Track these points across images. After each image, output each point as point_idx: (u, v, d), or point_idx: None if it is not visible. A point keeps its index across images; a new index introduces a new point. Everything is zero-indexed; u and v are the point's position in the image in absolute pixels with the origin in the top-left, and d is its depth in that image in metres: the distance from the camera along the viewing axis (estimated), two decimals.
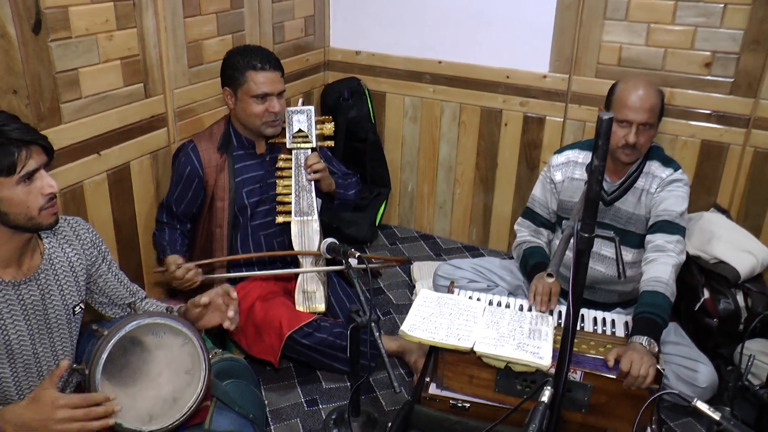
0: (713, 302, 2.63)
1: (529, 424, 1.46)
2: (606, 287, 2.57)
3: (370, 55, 3.63)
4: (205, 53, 2.82)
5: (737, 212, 3.06)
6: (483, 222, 3.69)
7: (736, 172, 3.02)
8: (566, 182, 2.58)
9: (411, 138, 3.70)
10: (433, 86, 3.54)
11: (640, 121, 2.30)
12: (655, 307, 2.15)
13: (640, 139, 2.32)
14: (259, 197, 2.66)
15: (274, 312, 2.52)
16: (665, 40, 2.98)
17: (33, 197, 1.65)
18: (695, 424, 2.44)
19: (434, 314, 2.29)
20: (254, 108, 2.52)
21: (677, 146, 3.07)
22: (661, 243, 2.30)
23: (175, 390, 1.82)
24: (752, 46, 2.84)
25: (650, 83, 2.35)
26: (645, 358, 1.99)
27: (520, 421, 1.89)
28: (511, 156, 3.48)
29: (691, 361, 2.37)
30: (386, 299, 3.18)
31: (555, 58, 3.23)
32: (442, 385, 2.27)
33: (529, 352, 2.11)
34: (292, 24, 3.36)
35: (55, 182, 1.69)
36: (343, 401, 2.48)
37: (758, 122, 2.92)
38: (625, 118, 2.31)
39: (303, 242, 2.64)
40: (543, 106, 3.33)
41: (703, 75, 2.97)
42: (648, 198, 2.43)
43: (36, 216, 1.66)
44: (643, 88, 2.32)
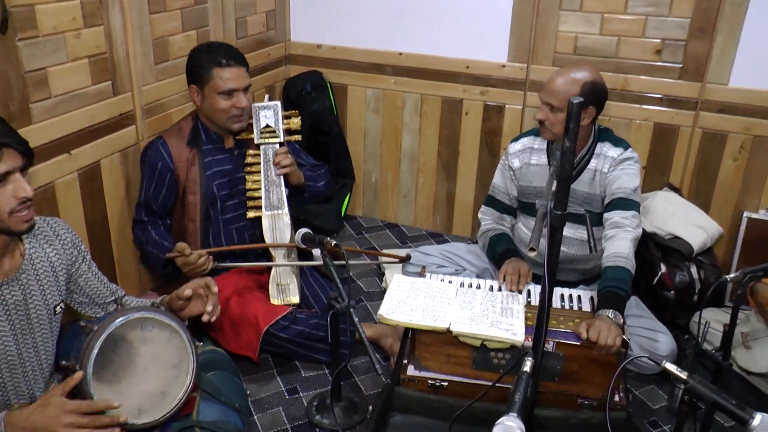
0: (670, 276, 2.77)
1: (515, 392, 1.53)
2: (569, 266, 2.68)
3: (331, 48, 3.67)
4: (171, 49, 2.82)
5: (688, 190, 3.21)
6: (446, 209, 3.78)
7: (686, 152, 3.17)
8: (524, 168, 2.68)
9: (374, 129, 3.76)
10: (395, 78, 3.60)
11: (546, 101, 2.45)
12: (618, 281, 2.27)
13: (550, 118, 2.45)
14: (228, 191, 2.69)
15: (249, 307, 2.55)
16: (618, 29, 3.11)
17: (4, 200, 1.63)
18: (657, 390, 2.58)
19: (409, 297, 2.36)
20: (221, 104, 2.55)
21: (632, 129, 3.21)
22: (618, 219, 2.43)
23: (162, 384, 1.85)
24: (698, 33, 2.99)
25: (570, 71, 2.46)
26: (612, 328, 2.11)
27: (497, 397, 1.99)
28: (472, 144, 3.57)
29: (652, 332, 2.51)
30: (357, 288, 3.24)
31: (513, 48, 3.32)
32: (420, 366, 2.34)
33: (503, 329, 2.20)
34: (255, 19, 3.38)
35: (30, 188, 1.68)
36: (323, 388, 2.53)
37: (705, 105, 3.07)
38: (540, 96, 2.50)
39: (275, 236, 2.68)
40: (502, 95, 3.42)
41: (654, 61, 3.10)
42: (602, 178, 2.54)
43: (5, 219, 1.65)
44: (560, 74, 2.46)
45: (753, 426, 1.54)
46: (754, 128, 3.01)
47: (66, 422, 1.60)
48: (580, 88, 2.42)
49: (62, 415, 1.60)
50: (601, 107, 2.51)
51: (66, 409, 1.61)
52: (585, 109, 2.44)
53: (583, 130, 2.52)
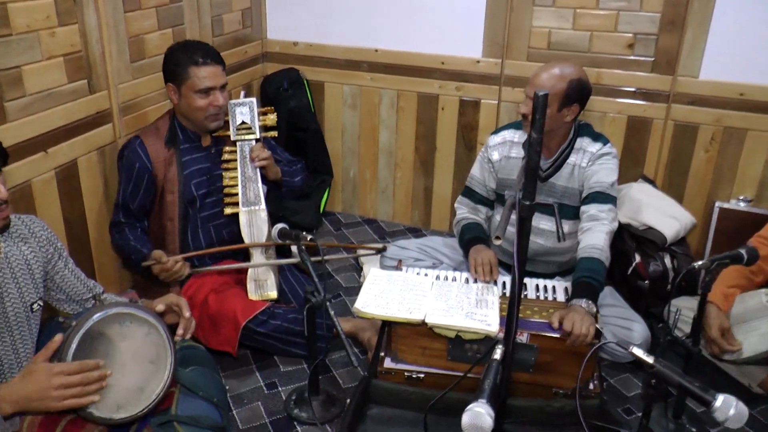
0: (644, 265, 2.81)
1: (485, 380, 1.57)
2: (545, 258, 2.71)
3: (308, 45, 3.68)
4: (147, 48, 2.83)
5: (662, 181, 3.26)
6: (424, 204, 3.81)
7: (659, 144, 3.21)
8: (503, 161, 2.70)
9: (351, 125, 3.78)
10: (371, 74, 3.62)
11: (529, 95, 2.47)
12: (592, 271, 2.31)
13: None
14: (206, 189, 2.69)
15: (228, 303, 2.57)
16: (591, 23, 3.15)
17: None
18: (632, 378, 2.62)
19: (385, 291, 2.39)
20: (198, 102, 2.56)
21: (606, 122, 3.25)
22: (595, 212, 2.46)
23: (140, 380, 1.85)
24: (668, 27, 3.03)
25: (556, 68, 2.48)
26: (585, 318, 2.14)
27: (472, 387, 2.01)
28: (449, 139, 3.60)
29: (626, 321, 2.55)
30: (335, 283, 3.26)
31: (487, 43, 3.35)
32: (397, 359, 2.37)
33: (478, 320, 2.22)
34: (230, 17, 3.39)
35: (4, 188, 1.68)
36: (301, 382, 2.55)
37: (677, 97, 3.11)
38: (525, 90, 2.52)
39: (252, 232, 2.69)
40: (478, 90, 3.45)
41: (627, 55, 3.14)
42: (580, 172, 2.58)
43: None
44: (546, 69, 2.49)
45: (716, 407, 1.58)
46: (724, 120, 3.06)
47: (57, 384, 1.60)
48: (566, 84, 2.44)
49: (51, 378, 1.60)
50: (584, 105, 2.54)
51: (53, 372, 1.62)
52: (569, 106, 2.47)
53: (565, 126, 2.55)
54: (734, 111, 3.03)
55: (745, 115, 3.02)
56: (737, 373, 2.53)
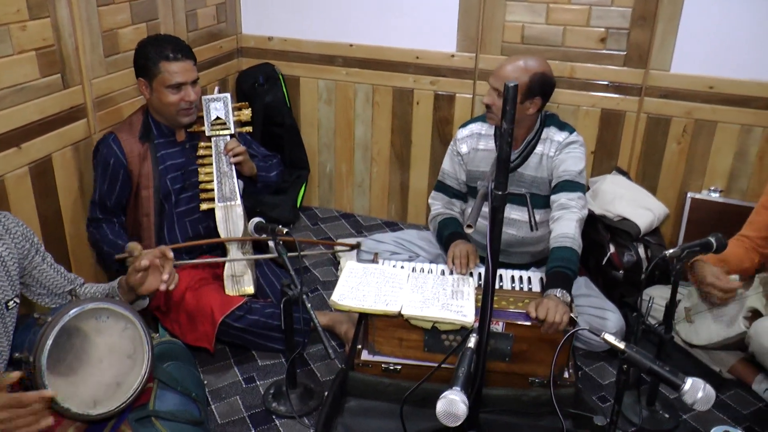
0: (618, 256, 2.85)
1: (459, 367, 1.58)
2: (519, 249, 2.74)
3: (282, 40, 3.68)
4: (121, 42, 2.81)
5: (635, 173, 3.30)
6: (401, 198, 3.82)
7: (632, 137, 3.25)
8: (472, 153, 2.73)
9: (326, 120, 3.78)
10: (346, 69, 3.62)
11: (495, 87, 2.51)
12: (565, 260, 2.34)
13: (497, 104, 2.50)
14: (181, 184, 2.68)
15: (205, 299, 2.56)
16: (563, 18, 3.17)
17: None
18: (607, 366, 2.66)
19: (362, 283, 2.40)
20: (169, 98, 2.55)
21: (580, 116, 3.28)
22: (564, 201, 2.50)
23: (117, 375, 1.85)
24: (640, 21, 3.07)
25: (521, 61, 2.51)
26: (559, 306, 2.17)
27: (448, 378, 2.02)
28: (424, 133, 3.62)
29: (601, 310, 2.59)
30: (312, 277, 3.27)
31: (461, 38, 3.37)
32: (374, 351, 2.38)
33: (454, 311, 2.24)
34: (205, 11, 3.37)
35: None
36: (279, 376, 2.55)
37: (649, 91, 3.15)
38: (489, 81, 2.56)
39: (228, 227, 2.69)
40: (452, 84, 3.47)
41: (599, 49, 3.18)
42: (548, 161, 2.61)
43: None
44: (510, 62, 2.53)
45: (684, 390, 1.62)
46: (695, 112, 3.11)
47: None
48: (529, 77, 2.47)
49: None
50: (548, 98, 2.57)
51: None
52: (531, 99, 2.51)
53: (530, 118, 2.58)
54: (704, 104, 3.08)
55: (715, 108, 3.07)
56: (708, 360, 2.58)
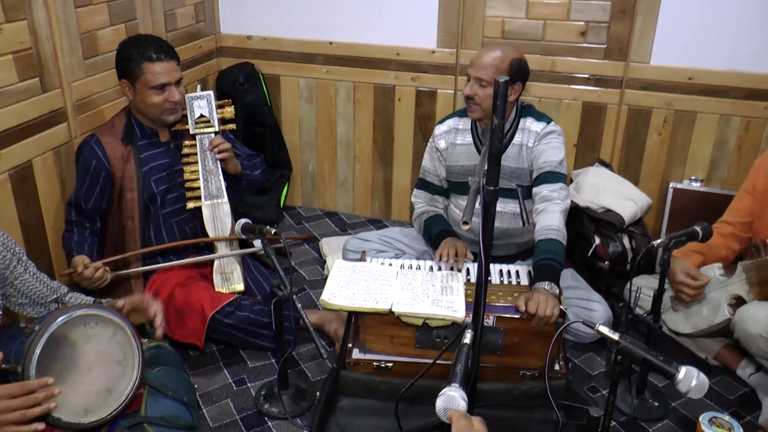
0: (604, 247, 2.88)
1: (456, 364, 1.58)
2: (504, 241, 2.75)
3: (262, 39, 3.66)
4: (100, 44, 2.77)
5: (618, 165, 3.33)
6: (384, 195, 3.82)
7: (614, 129, 3.28)
8: (450, 148, 2.74)
9: (308, 119, 3.77)
10: (326, 67, 3.61)
11: (475, 75, 2.52)
12: (551, 253, 2.35)
13: (479, 94, 2.51)
14: (167, 185, 2.66)
15: (194, 296, 2.55)
16: (543, 12, 3.19)
17: None
18: (596, 357, 2.68)
19: (351, 282, 2.39)
20: (154, 99, 2.52)
21: (561, 109, 3.30)
22: (547, 193, 2.51)
23: (108, 382, 1.83)
24: (619, 15, 3.09)
25: (498, 49, 2.54)
26: (549, 299, 2.19)
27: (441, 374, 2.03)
28: (406, 129, 3.61)
29: (588, 302, 2.61)
30: (299, 276, 3.25)
31: (442, 33, 3.37)
32: (365, 349, 2.38)
33: (444, 307, 2.25)
34: (183, 11, 3.34)
35: None
36: (270, 377, 2.54)
37: (630, 83, 3.18)
38: (467, 72, 2.56)
39: (216, 225, 2.67)
40: (434, 80, 3.47)
41: (580, 43, 3.20)
42: (528, 152, 2.62)
43: None
44: (487, 50, 2.54)
45: (679, 378, 1.64)
46: (675, 103, 3.14)
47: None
48: (508, 64, 2.51)
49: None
50: (525, 83, 2.61)
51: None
52: (512, 85, 2.54)
53: (508, 106, 2.59)
54: (684, 95, 3.12)
55: (694, 99, 3.11)
56: (694, 347, 2.61)
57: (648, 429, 2.33)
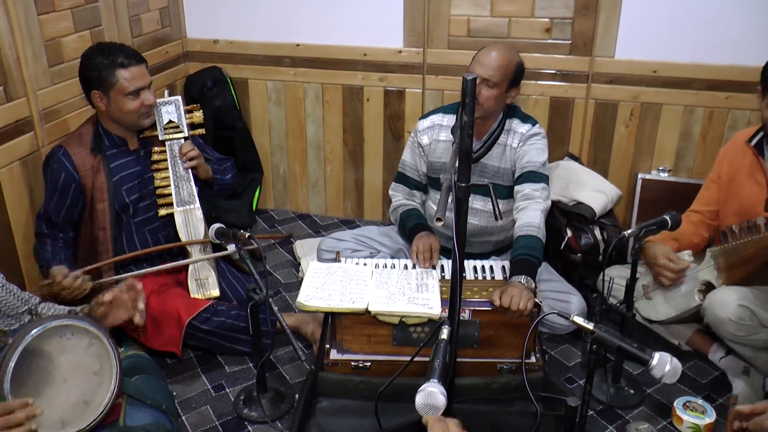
0: (576, 239, 2.91)
1: (434, 360, 1.60)
2: (481, 239, 2.77)
3: (228, 42, 3.64)
4: (65, 51, 2.74)
5: (587, 158, 3.37)
6: (356, 195, 3.83)
7: (582, 122, 3.32)
8: (433, 144, 2.75)
9: (277, 121, 3.76)
10: (294, 69, 3.60)
11: (481, 75, 2.49)
12: (530, 248, 2.38)
13: (483, 93, 2.50)
14: (139, 193, 2.63)
15: (170, 303, 2.53)
16: (508, 10, 3.22)
17: None
18: (572, 348, 2.72)
19: (326, 283, 2.39)
20: (130, 105, 2.49)
21: (530, 104, 3.33)
22: (529, 192, 2.54)
23: (85, 393, 1.82)
24: (583, 11, 3.13)
25: (505, 50, 2.54)
26: (523, 293, 2.21)
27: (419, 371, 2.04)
28: (376, 129, 3.62)
29: (563, 294, 2.65)
30: (274, 280, 3.25)
31: (408, 33, 3.38)
32: (343, 349, 2.38)
33: (420, 305, 2.26)
34: (148, 16, 3.31)
35: None
36: (248, 382, 2.53)
37: (595, 77, 3.22)
38: (473, 71, 2.52)
39: (189, 231, 2.66)
40: (401, 80, 3.48)
41: (545, 39, 3.23)
42: (511, 152, 2.64)
43: None
44: (495, 50, 2.53)
45: (653, 365, 1.67)
46: (640, 96, 3.19)
47: None
48: (515, 66, 2.53)
49: None
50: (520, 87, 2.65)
51: None
52: (514, 87, 2.57)
53: (498, 108, 2.60)
54: (649, 87, 3.16)
55: (659, 91, 3.16)
56: (667, 334, 2.66)
57: (625, 416, 2.36)
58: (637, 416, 2.37)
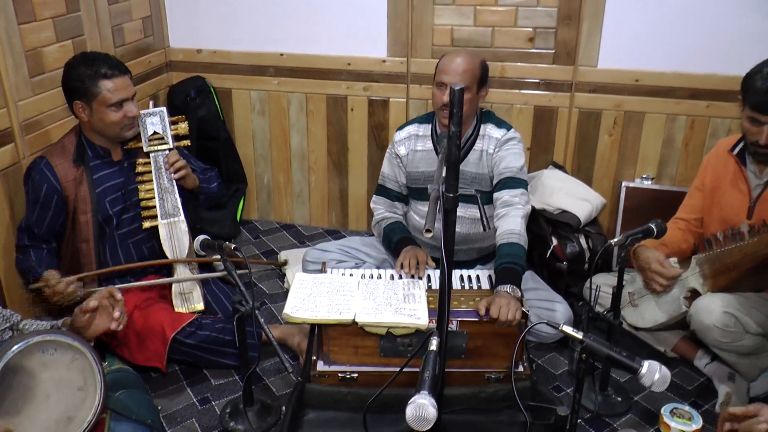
0: (561, 247, 2.93)
1: (424, 371, 1.59)
2: (465, 246, 2.78)
3: (212, 52, 3.62)
4: (46, 61, 2.70)
5: (571, 167, 3.39)
6: (341, 205, 3.82)
7: (566, 131, 3.34)
8: (410, 155, 2.75)
9: (261, 131, 3.75)
10: (278, 79, 3.59)
11: (452, 82, 2.48)
12: (513, 256, 2.38)
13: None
14: (122, 205, 2.60)
15: (154, 317, 2.50)
16: (491, 20, 3.23)
17: None
18: (558, 357, 2.72)
19: (313, 294, 2.38)
20: (113, 116, 2.46)
21: (513, 113, 3.35)
22: (508, 198, 2.55)
23: (68, 409, 1.79)
24: (566, 20, 3.16)
25: (467, 53, 2.58)
26: (511, 302, 2.21)
27: (407, 382, 2.04)
28: (360, 139, 3.62)
29: (549, 302, 2.65)
30: (259, 291, 3.23)
31: (392, 42, 3.39)
32: (329, 361, 2.37)
33: (407, 315, 2.25)
34: (131, 26, 3.29)
35: None
36: (234, 394, 2.51)
37: (579, 86, 3.24)
38: (441, 81, 2.53)
39: (173, 244, 2.63)
40: (385, 89, 3.48)
41: (528, 48, 3.25)
42: (488, 158, 2.65)
43: None
44: (458, 56, 2.55)
45: (642, 373, 1.67)
46: (623, 104, 3.21)
47: None
48: (479, 66, 2.56)
49: None
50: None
51: None
52: (483, 87, 2.60)
53: (473, 110, 2.61)
54: (632, 96, 3.19)
55: (641, 99, 3.18)
56: (653, 340, 2.68)
57: (612, 424, 2.37)
58: (624, 424, 2.37)
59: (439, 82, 2.55)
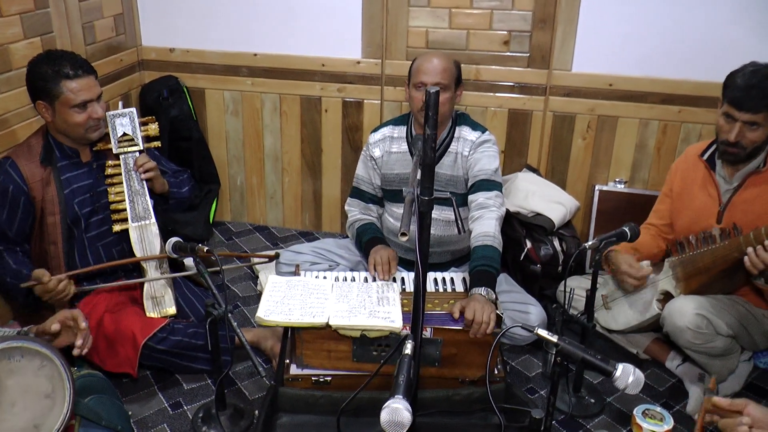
0: (535, 250, 2.94)
1: (398, 375, 1.58)
2: (439, 248, 2.77)
3: (185, 51, 3.58)
4: (13, 58, 2.65)
5: (545, 170, 3.40)
6: (314, 207, 3.80)
7: (540, 134, 3.35)
8: (385, 156, 2.75)
9: (234, 132, 3.71)
10: (251, 79, 3.57)
11: (432, 81, 2.51)
12: (487, 258, 2.38)
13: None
14: (91, 207, 2.55)
15: (125, 322, 2.45)
16: (466, 22, 3.24)
17: None
18: (532, 359, 2.73)
19: (286, 297, 2.36)
20: (76, 118, 2.40)
21: (488, 116, 3.35)
22: (483, 200, 2.55)
23: (35, 417, 1.75)
24: (540, 24, 3.17)
25: (441, 54, 2.61)
26: (486, 306, 2.21)
27: (381, 385, 2.03)
28: (334, 140, 3.61)
29: (523, 305, 2.65)
30: (232, 293, 3.19)
31: (366, 44, 3.38)
32: (303, 364, 2.34)
33: (381, 318, 2.24)
34: (103, 23, 3.23)
35: None
36: (207, 399, 2.48)
37: (553, 90, 3.26)
38: (421, 81, 2.54)
39: (144, 247, 2.58)
40: (360, 91, 3.47)
41: (503, 52, 3.26)
42: (463, 160, 2.66)
43: None
44: (434, 56, 2.58)
45: (616, 376, 1.68)
46: (597, 108, 3.24)
47: None
48: (455, 65, 2.59)
49: None
50: None
51: None
52: (460, 85, 2.63)
53: (450, 112, 2.62)
54: (605, 100, 3.21)
55: (615, 104, 3.21)
56: (625, 343, 2.70)
57: (586, 425, 2.38)
58: (597, 425, 2.38)
59: (417, 83, 2.55)
